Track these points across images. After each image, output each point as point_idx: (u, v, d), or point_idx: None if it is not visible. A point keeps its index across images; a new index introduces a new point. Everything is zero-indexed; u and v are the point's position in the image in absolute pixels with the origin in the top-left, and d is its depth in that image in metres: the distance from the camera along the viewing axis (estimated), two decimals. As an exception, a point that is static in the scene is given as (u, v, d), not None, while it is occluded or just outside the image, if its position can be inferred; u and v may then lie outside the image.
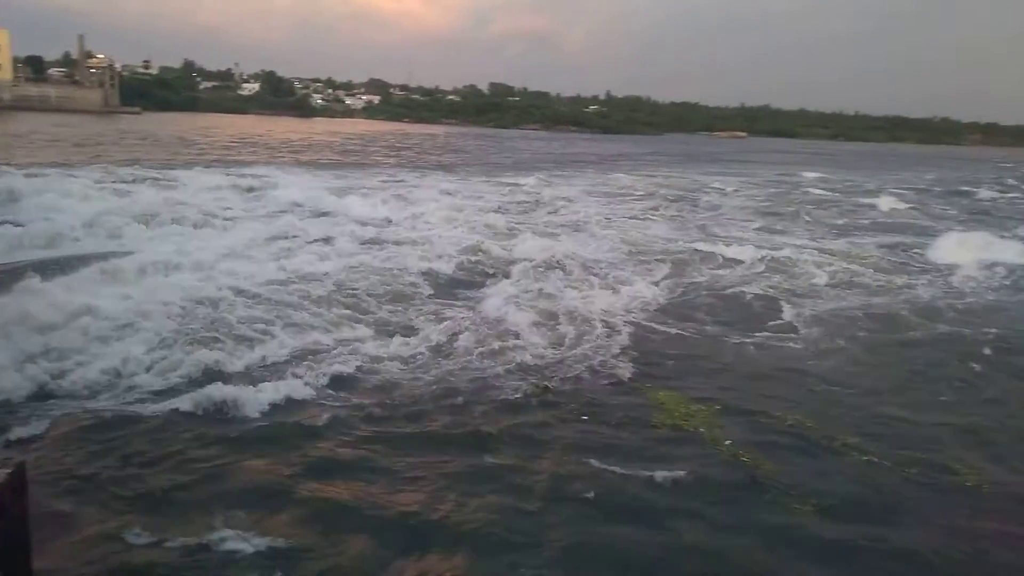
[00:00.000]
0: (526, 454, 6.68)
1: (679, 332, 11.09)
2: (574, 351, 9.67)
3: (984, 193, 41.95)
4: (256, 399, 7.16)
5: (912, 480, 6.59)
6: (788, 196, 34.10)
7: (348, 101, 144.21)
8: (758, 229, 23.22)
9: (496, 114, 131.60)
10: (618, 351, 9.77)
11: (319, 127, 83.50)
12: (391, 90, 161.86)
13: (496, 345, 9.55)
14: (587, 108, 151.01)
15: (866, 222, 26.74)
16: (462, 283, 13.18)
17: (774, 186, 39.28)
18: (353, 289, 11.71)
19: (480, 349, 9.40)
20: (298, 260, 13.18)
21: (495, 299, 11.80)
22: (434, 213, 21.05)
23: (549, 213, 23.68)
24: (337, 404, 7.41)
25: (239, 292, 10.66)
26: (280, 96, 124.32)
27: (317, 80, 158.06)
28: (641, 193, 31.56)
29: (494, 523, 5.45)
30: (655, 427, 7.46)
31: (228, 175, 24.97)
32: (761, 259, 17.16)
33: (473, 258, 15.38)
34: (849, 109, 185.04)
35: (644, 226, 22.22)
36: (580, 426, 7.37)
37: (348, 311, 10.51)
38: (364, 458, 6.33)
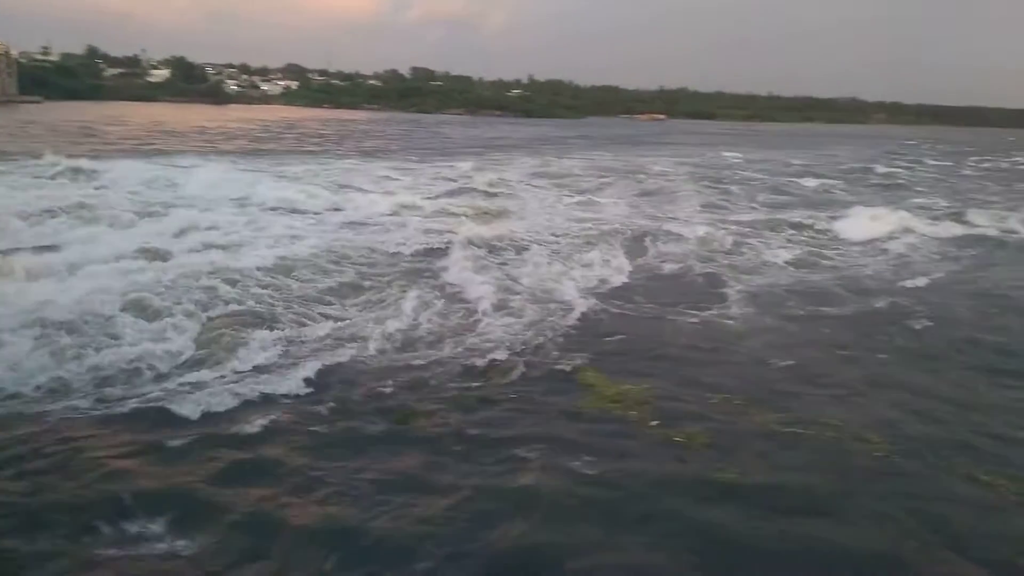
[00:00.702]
0: (451, 448, 6.60)
1: (624, 312, 11.24)
2: (516, 335, 9.66)
3: (891, 168, 44.12)
4: (171, 402, 6.99)
5: (829, 453, 6.83)
6: (724, 174, 35.26)
7: (265, 87, 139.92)
8: (703, 207, 23.69)
9: (418, 99, 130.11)
10: (560, 333, 9.83)
11: (235, 114, 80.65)
12: (309, 75, 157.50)
13: (434, 333, 9.55)
14: (510, 92, 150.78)
15: (796, 199, 27.87)
16: (407, 269, 13.09)
17: (709, 166, 40.22)
18: (295, 279, 11.55)
19: (420, 336, 9.39)
20: (231, 251, 12.87)
21: (446, 278, 12.01)
22: (376, 198, 20.90)
23: (491, 196, 23.71)
24: (265, 403, 7.26)
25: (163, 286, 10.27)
26: (192, 83, 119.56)
27: (231, 66, 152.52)
28: (581, 174, 32.01)
29: (402, 527, 5.33)
30: (583, 410, 7.48)
31: (149, 163, 24.11)
32: (706, 236, 17.65)
33: (420, 243, 15.32)
34: (762, 91, 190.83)
35: (590, 206, 22.51)
36: (508, 414, 7.33)
37: (284, 303, 10.28)
38: (277, 461, 6.16)
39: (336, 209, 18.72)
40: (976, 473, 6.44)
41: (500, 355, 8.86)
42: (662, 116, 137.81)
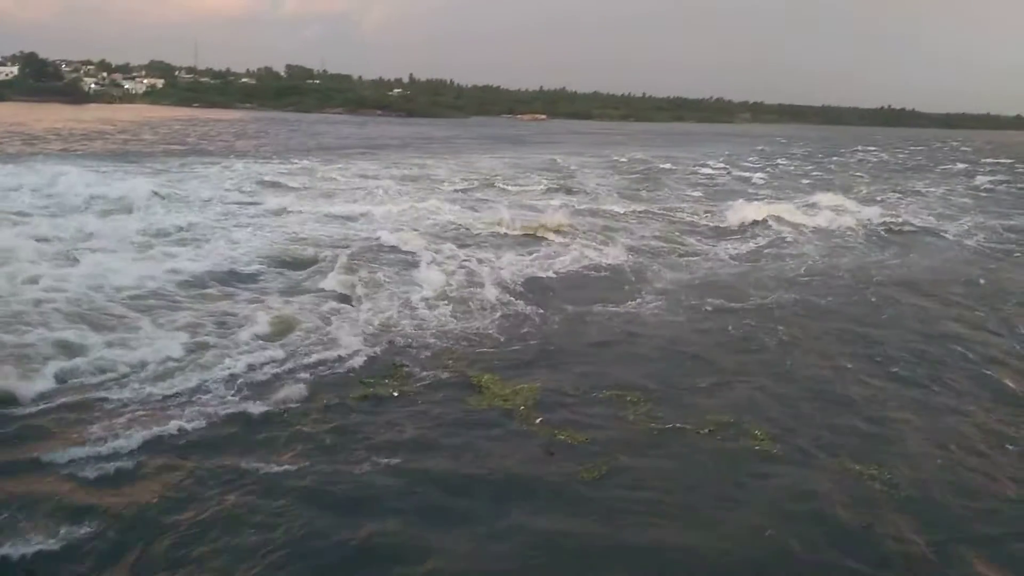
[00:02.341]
0: (320, 446, 6.65)
1: (526, 311, 11.31)
2: (418, 336, 9.70)
3: (774, 161, 47.30)
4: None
5: (710, 448, 7.05)
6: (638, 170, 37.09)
7: (127, 85, 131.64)
8: (621, 201, 24.66)
9: (296, 98, 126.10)
10: (457, 334, 9.85)
11: (95, 114, 75.38)
12: (176, 73, 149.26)
13: (325, 337, 9.39)
14: (391, 91, 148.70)
15: (697, 193, 29.20)
16: (282, 274, 12.85)
17: (607, 162, 41.29)
18: (159, 291, 11.12)
19: (309, 342, 9.20)
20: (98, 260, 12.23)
21: (329, 283, 11.84)
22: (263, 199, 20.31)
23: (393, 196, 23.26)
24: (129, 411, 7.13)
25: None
26: (45, 80, 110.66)
27: (89, 63, 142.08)
28: (497, 173, 32.73)
29: (244, 523, 5.35)
30: (471, 410, 7.55)
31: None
32: (624, 230, 18.10)
33: (318, 243, 14.92)
34: (637, 91, 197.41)
35: (493, 204, 22.62)
36: (393, 414, 7.38)
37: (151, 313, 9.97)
38: (143, 464, 6.12)
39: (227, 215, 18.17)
40: (850, 465, 6.74)
41: (402, 356, 8.90)
42: (543, 116, 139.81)
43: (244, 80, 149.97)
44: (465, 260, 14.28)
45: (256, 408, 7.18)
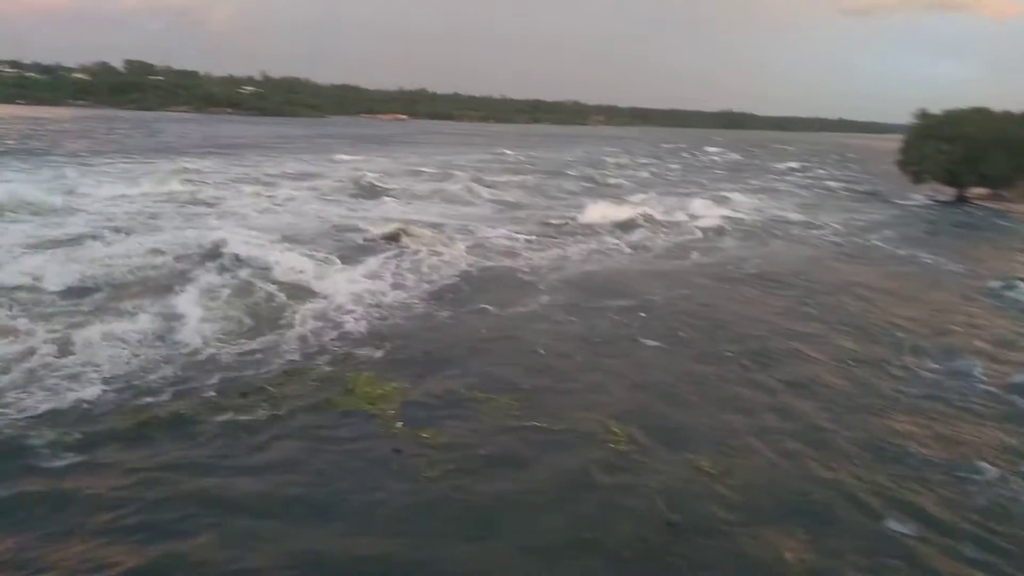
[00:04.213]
0: (171, 453, 6.62)
1: (407, 313, 11.40)
2: (292, 341, 9.59)
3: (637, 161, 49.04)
4: None
5: (568, 447, 7.32)
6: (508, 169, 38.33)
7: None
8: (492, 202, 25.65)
9: (137, 95, 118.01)
10: (331, 339, 9.81)
11: None
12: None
13: (206, 339, 9.30)
14: (242, 89, 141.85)
15: (562, 193, 30.00)
16: (164, 273, 12.55)
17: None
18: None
19: (193, 341, 9.15)
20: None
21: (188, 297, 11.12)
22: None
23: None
24: None
25: None
26: None
27: None
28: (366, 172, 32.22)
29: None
30: (340, 414, 7.59)
31: None
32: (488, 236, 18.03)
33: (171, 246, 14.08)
34: (496, 93, 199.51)
35: (374, 206, 22.29)
36: (255, 419, 7.34)
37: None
38: None
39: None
40: (699, 462, 7.13)
41: (278, 361, 8.80)
42: (404, 117, 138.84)
43: (77, 75, 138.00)
44: (341, 263, 14.14)
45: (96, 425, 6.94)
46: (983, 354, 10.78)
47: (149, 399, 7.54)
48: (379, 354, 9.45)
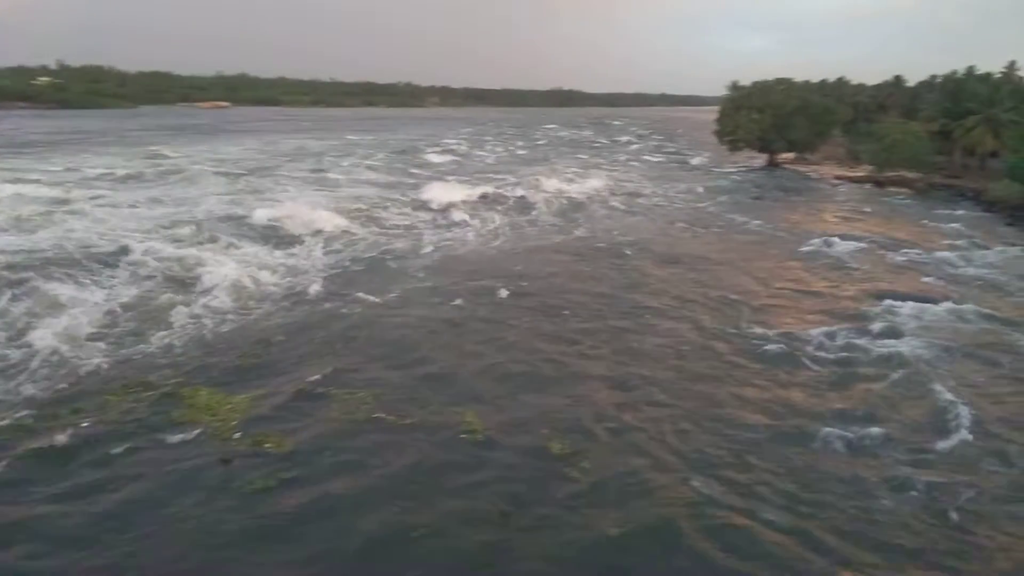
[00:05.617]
0: None
1: (251, 315, 10.99)
2: (130, 349, 9.24)
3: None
4: None
5: (424, 440, 7.42)
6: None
7: None
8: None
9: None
10: (169, 349, 9.37)
11: None
12: None
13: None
14: (37, 80, 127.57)
15: (412, 179, 29.25)
16: None
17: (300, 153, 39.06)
18: None
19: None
20: None
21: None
22: None
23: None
24: None
25: None
26: None
27: None
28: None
29: None
30: (176, 427, 7.34)
31: None
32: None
33: None
34: (324, 76, 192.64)
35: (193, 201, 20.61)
36: (89, 430, 7.11)
37: None
38: None
39: None
40: (552, 448, 7.33)
41: (122, 372, 8.45)
42: (226, 104, 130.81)
43: None
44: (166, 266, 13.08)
45: None
46: (804, 317, 11.84)
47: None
48: (231, 360, 9.09)
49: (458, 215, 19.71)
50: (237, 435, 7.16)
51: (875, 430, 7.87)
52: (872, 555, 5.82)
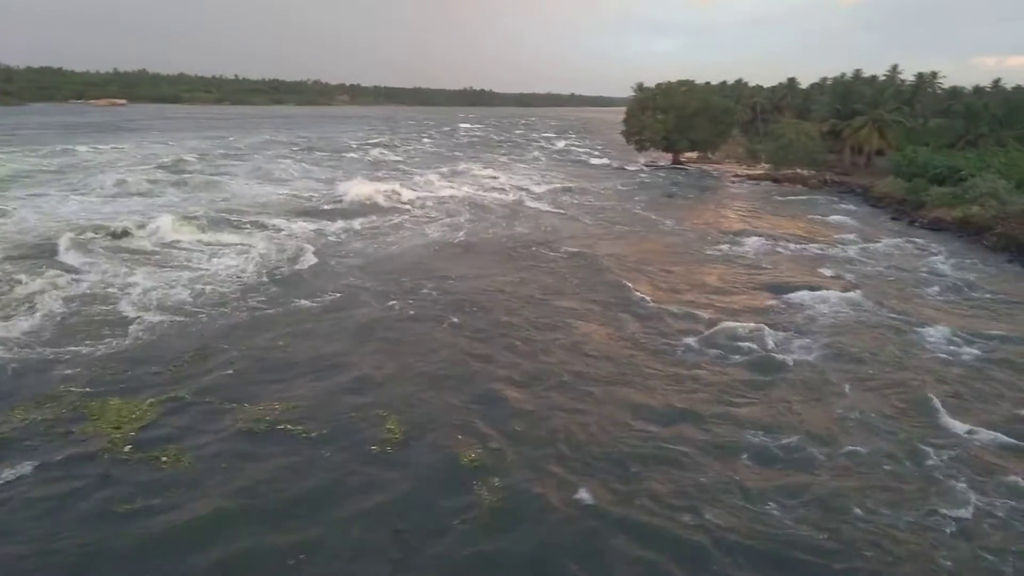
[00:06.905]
0: None
1: (170, 321, 10.73)
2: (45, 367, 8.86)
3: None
4: None
5: (336, 444, 7.50)
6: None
7: None
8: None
9: None
10: (77, 353, 9.19)
11: None
12: None
13: None
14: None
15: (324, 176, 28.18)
16: None
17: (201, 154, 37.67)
18: None
19: None
20: None
21: None
22: None
23: None
24: None
25: None
26: None
27: None
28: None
29: None
30: (73, 442, 7.13)
31: None
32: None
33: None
34: (229, 73, 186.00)
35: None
36: None
37: None
38: None
39: None
40: (465, 451, 7.44)
41: (34, 379, 8.32)
42: (122, 101, 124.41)
43: None
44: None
45: None
46: (716, 316, 12.40)
47: None
48: (148, 369, 8.86)
49: (378, 217, 19.61)
50: (128, 448, 6.97)
51: (778, 434, 8.26)
52: (759, 565, 6.05)
